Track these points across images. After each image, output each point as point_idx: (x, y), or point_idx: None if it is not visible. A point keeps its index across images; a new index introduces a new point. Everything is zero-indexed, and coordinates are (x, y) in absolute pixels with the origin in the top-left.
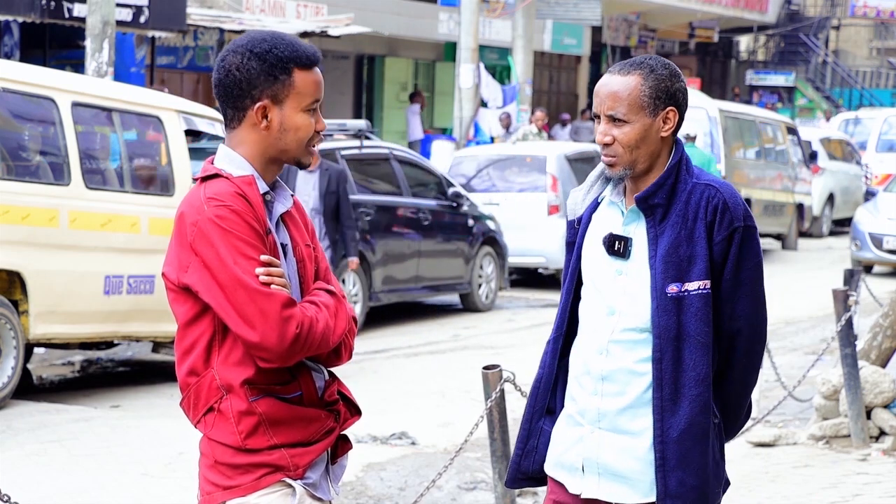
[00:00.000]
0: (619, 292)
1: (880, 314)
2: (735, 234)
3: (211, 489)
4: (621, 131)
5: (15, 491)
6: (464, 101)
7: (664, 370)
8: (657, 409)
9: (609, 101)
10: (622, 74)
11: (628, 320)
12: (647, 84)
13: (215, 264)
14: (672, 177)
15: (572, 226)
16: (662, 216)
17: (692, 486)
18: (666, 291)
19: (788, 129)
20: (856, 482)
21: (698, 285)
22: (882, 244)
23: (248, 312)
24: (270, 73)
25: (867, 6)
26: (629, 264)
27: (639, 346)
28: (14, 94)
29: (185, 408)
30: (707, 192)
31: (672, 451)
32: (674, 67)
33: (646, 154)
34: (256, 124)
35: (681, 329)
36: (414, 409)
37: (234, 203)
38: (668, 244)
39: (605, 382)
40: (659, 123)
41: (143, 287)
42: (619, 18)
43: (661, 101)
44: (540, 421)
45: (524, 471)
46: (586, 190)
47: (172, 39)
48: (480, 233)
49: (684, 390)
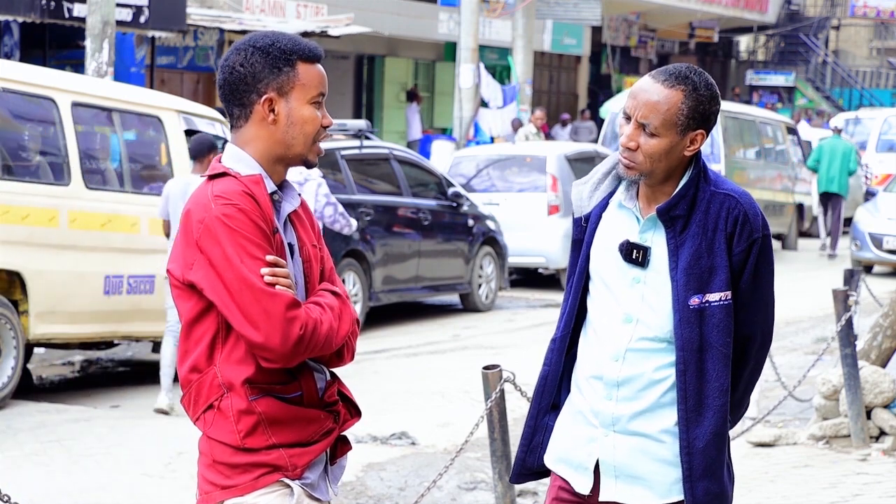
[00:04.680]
0: (636, 300)
1: (880, 314)
2: (754, 246)
3: (209, 488)
4: (648, 142)
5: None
6: (464, 101)
7: (688, 382)
8: (682, 420)
9: (645, 108)
10: (666, 86)
11: (647, 330)
12: (687, 103)
13: (221, 263)
14: (693, 188)
15: (579, 223)
16: (683, 227)
17: (716, 493)
18: (688, 304)
19: (788, 129)
20: (856, 482)
21: (720, 296)
22: (882, 244)
23: (252, 312)
24: (275, 65)
25: (867, 6)
26: (647, 273)
27: (657, 355)
28: (14, 94)
29: (185, 404)
30: (727, 203)
31: (698, 461)
32: (715, 89)
33: (664, 168)
34: (264, 118)
35: (703, 340)
36: (414, 409)
37: (241, 202)
38: (690, 256)
39: (620, 388)
40: (686, 143)
41: (143, 287)
42: (619, 18)
43: (695, 123)
44: (545, 417)
45: (529, 466)
46: (593, 186)
47: (172, 39)
48: (480, 233)
49: (708, 401)
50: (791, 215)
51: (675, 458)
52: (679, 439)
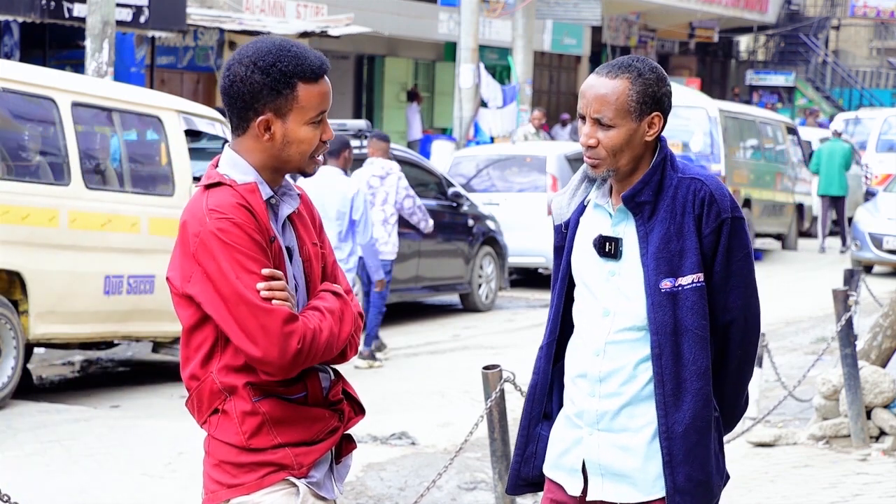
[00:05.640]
0: (612, 293)
1: (880, 314)
2: (724, 226)
3: (215, 487)
4: (606, 135)
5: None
6: (464, 101)
7: (664, 366)
8: (660, 405)
9: (595, 103)
10: (610, 77)
11: (624, 319)
12: (635, 89)
13: (217, 278)
14: (658, 174)
15: (560, 230)
16: (651, 213)
17: (699, 480)
18: (660, 287)
19: (788, 129)
20: (856, 482)
21: (691, 279)
22: (882, 244)
23: (249, 328)
24: (274, 87)
25: (867, 6)
26: (621, 264)
27: (636, 346)
28: (14, 94)
29: (190, 408)
30: (693, 186)
31: (678, 446)
32: (661, 71)
33: (629, 157)
34: (259, 136)
35: (678, 324)
36: (414, 409)
37: (235, 215)
38: (659, 240)
39: (602, 384)
40: (644, 128)
41: (143, 287)
42: (619, 18)
43: (648, 107)
44: (538, 427)
45: (524, 477)
46: (571, 193)
47: (172, 39)
48: (480, 233)
49: (686, 385)
50: (791, 215)
51: (656, 453)
52: (658, 425)
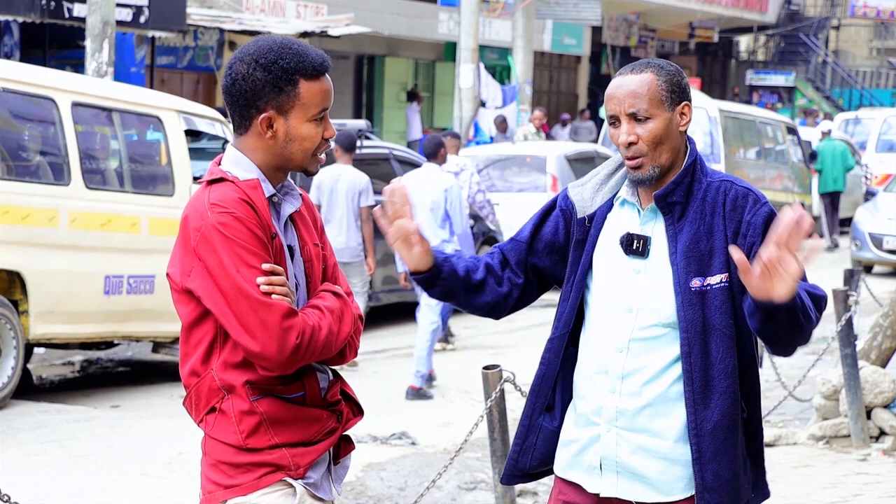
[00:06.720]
0: (637, 290)
1: (880, 314)
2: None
3: (212, 488)
4: (645, 128)
5: (15, 491)
6: (464, 101)
7: (693, 364)
8: (689, 403)
9: (629, 99)
10: (635, 73)
11: (649, 317)
12: (662, 79)
13: (217, 272)
14: (689, 176)
15: (583, 223)
16: (681, 214)
17: (726, 478)
18: (690, 286)
19: (788, 129)
20: (856, 482)
21: (720, 279)
22: (882, 244)
23: (248, 322)
24: (275, 84)
25: (867, 6)
26: (648, 263)
27: (660, 343)
28: (14, 94)
29: (187, 406)
30: (723, 187)
31: (707, 444)
32: (677, 66)
33: (669, 149)
34: (261, 134)
35: (706, 322)
36: (414, 409)
37: (237, 210)
38: (688, 240)
39: (624, 381)
40: (677, 118)
41: (143, 287)
42: (619, 18)
43: (677, 96)
44: (540, 418)
45: (521, 467)
46: (595, 187)
47: (172, 39)
48: (480, 233)
49: (714, 383)
50: None
51: (679, 455)
52: (687, 422)
